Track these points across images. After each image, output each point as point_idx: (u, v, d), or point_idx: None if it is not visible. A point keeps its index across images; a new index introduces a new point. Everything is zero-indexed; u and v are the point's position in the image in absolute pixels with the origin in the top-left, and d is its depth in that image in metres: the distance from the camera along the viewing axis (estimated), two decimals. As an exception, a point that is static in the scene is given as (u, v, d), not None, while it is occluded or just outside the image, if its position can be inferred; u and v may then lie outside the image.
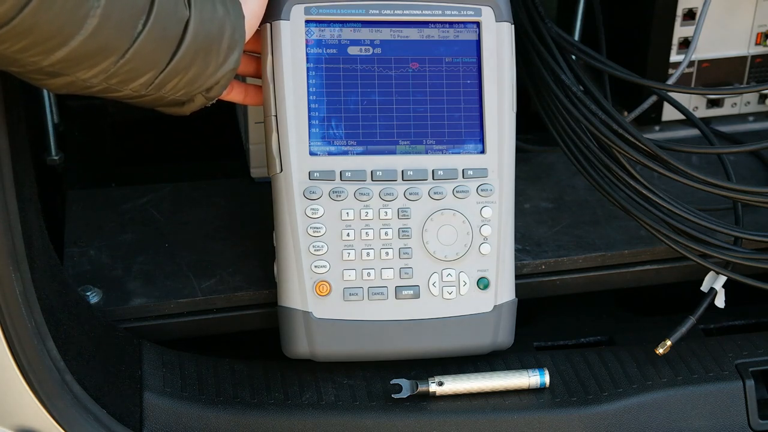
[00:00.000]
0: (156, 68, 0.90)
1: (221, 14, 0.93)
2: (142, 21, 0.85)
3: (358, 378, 1.05)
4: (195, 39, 0.90)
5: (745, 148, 1.14)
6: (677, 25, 1.28)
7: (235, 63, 0.96)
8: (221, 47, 0.93)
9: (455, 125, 1.06)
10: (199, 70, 0.93)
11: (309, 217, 1.03)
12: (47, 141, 1.32)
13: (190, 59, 0.91)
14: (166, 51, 0.89)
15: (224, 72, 0.95)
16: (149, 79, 0.90)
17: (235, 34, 0.95)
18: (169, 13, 0.87)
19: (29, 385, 0.98)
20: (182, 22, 0.89)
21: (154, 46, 0.87)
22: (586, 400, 1.04)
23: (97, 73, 0.86)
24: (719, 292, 1.09)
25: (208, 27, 0.92)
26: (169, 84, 0.92)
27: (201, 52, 0.92)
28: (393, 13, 1.06)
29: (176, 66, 0.90)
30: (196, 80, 0.94)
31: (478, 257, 1.05)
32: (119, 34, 0.84)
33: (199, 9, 0.90)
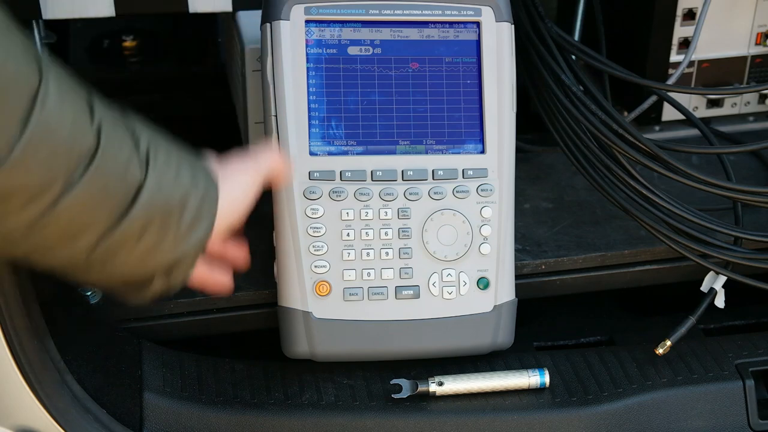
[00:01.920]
0: (97, 229, 0.80)
1: (186, 183, 0.85)
2: (81, 169, 0.77)
3: (358, 378, 1.05)
4: (149, 205, 0.82)
5: (745, 148, 1.14)
6: (677, 25, 1.28)
7: (199, 241, 0.86)
8: (183, 219, 0.84)
9: (455, 125, 1.06)
10: (152, 242, 0.83)
11: (309, 217, 1.03)
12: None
13: (140, 227, 0.82)
14: (109, 211, 0.80)
15: (186, 249, 0.86)
16: (90, 242, 0.81)
17: (202, 208, 0.86)
18: (115, 169, 0.80)
19: (29, 385, 0.98)
20: (134, 183, 0.81)
21: (92, 201, 0.79)
22: (586, 400, 1.04)
23: (19, 224, 0.76)
24: (719, 292, 1.09)
25: (167, 194, 0.83)
26: (117, 254, 0.83)
27: (156, 222, 0.83)
28: (393, 13, 1.06)
29: (124, 232, 0.81)
30: (151, 254, 0.84)
31: (478, 257, 1.05)
32: (47, 176, 0.75)
33: (158, 173, 0.83)
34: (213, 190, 0.88)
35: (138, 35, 1.62)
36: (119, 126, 0.82)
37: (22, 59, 0.74)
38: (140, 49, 1.61)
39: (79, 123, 0.77)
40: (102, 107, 0.81)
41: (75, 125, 0.77)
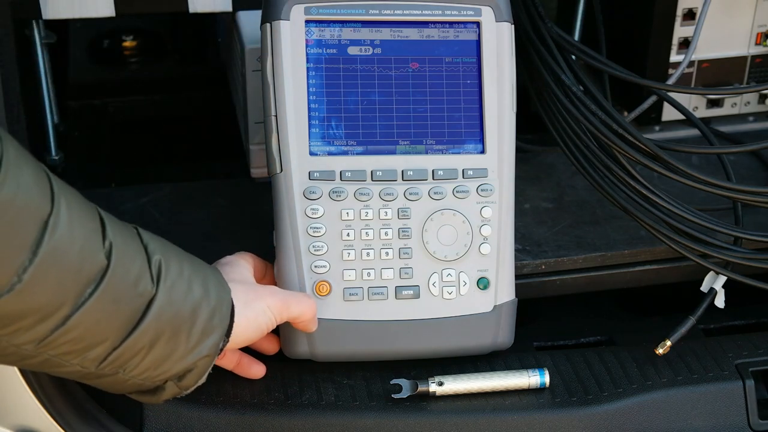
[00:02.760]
0: (107, 342, 0.83)
1: (197, 296, 0.87)
2: (91, 288, 0.80)
3: (358, 378, 1.05)
4: (159, 318, 0.84)
5: (745, 148, 1.14)
6: (677, 25, 1.28)
7: (210, 350, 0.89)
8: (193, 331, 0.87)
9: (455, 125, 1.06)
10: (163, 352, 0.86)
11: (309, 217, 1.03)
12: (47, 141, 1.32)
13: (151, 339, 0.85)
14: (121, 325, 0.83)
15: (196, 358, 0.88)
16: (100, 354, 0.83)
17: (213, 319, 0.88)
18: (126, 285, 0.82)
19: (29, 385, 0.98)
20: (145, 297, 0.84)
21: (103, 317, 0.81)
22: (586, 400, 1.04)
23: (30, 340, 0.79)
24: (719, 292, 1.09)
25: (178, 307, 0.86)
26: (127, 364, 0.85)
27: (166, 333, 0.85)
28: (393, 13, 1.06)
29: (134, 344, 0.84)
30: (161, 364, 0.87)
31: (478, 257, 1.05)
32: (58, 297, 0.78)
33: (169, 287, 0.85)
34: (225, 300, 0.91)
35: (138, 35, 1.62)
36: (131, 243, 0.85)
37: (33, 190, 0.77)
38: (140, 49, 1.61)
39: (90, 245, 0.80)
40: (114, 226, 0.84)
41: (85, 248, 0.80)
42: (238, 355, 1.02)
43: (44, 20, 1.22)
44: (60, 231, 0.77)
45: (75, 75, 1.56)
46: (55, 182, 0.79)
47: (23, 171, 0.76)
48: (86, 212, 0.82)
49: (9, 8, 1.12)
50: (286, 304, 0.97)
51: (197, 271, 0.89)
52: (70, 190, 0.81)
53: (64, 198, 0.79)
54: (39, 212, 0.77)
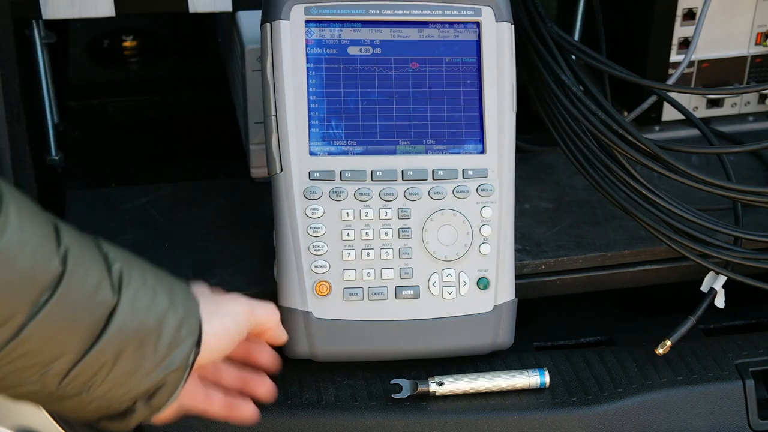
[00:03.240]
0: (67, 356, 0.79)
1: (163, 306, 0.83)
2: (46, 296, 0.76)
3: (358, 378, 1.05)
4: (122, 329, 0.80)
5: (745, 148, 1.14)
6: (677, 25, 1.28)
7: (181, 362, 0.84)
8: (160, 343, 0.83)
9: (455, 125, 1.06)
10: (129, 366, 0.82)
11: (309, 217, 1.03)
12: (47, 141, 1.32)
13: (115, 351, 0.80)
14: (81, 337, 0.79)
15: (165, 372, 0.83)
16: (61, 370, 0.79)
17: (181, 330, 0.84)
18: (84, 293, 0.78)
19: (29, 385, 0.98)
20: (105, 307, 0.80)
21: (60, 327, 0.77)
22: (586, 400, 1.04)
23: None
24: (719, 292, 1.09)
25: (142, 318, 0.82)
26: (91, 381, 0.81)
27: (131, 345, 0.81)
28: (393, 13, 1.06)
29: (96, 357, 0.80)
30: (128, 380, 0.82)
31: (478, 257, 1.05)
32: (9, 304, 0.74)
33: (131, 296, 0.82)
34: (193, 311, 0.86)
35: (138, 35, 1.62)
36: (88, 250, 0.81)
37: None
38: (140, 49, 1.61)
39: (43, 250, 0.77)
40: (70, 233, 0.81)
41: (38, 253, 0.76)
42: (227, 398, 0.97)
43: (44, 20, 1.22)
44: (9, 234, 0.74)
45: (75, 75, 1.56)
46: (4, 186, 0.76)
47: None
48: (39, 218, 0.78)
49: (9, 8, 1.12)
50: (251, 308, 0.93)
51: (162, 282, 0.86)
52: (21, 197, 0.78)
53: (14, 202, 0.76)
54: None
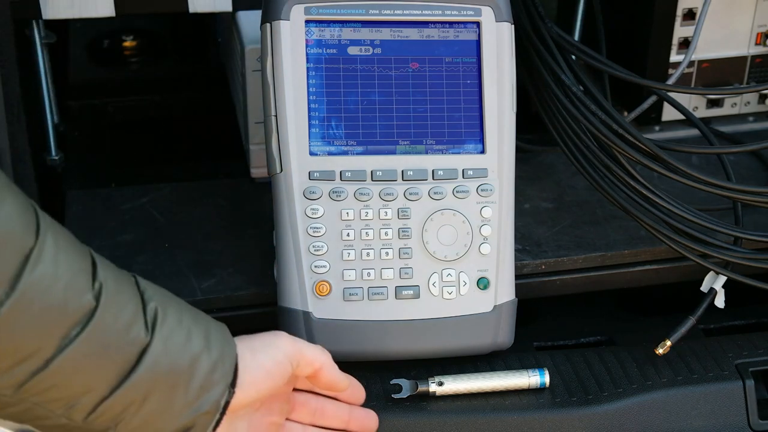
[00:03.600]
0: (95, 392, 0.78)
1: (197, 348, 0.82)
2: (76, 330, 0.76)
3: (358, 378, 1.05)
4: (153, 369, 0.79)
5: (745, 148, 1.14)
6: (677, 25, 1.28)
7: (211, 406, 0.83)
8: (191, 384, 0.82)
9: (455, 125, 1.06)
10: (158, 407, 0.81)
11: (309, 217, 1.03)
12: (47, 141, 1.32)
13: (144, 391, 0.79)
14: (110, 374, 0.78)
15: (194, 415, 0.82)
16: (87, 405, 0.78)
17: (214, 373, 0.83)
18: (116, 330, 0.78)
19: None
20: (137, 345, 0.79)
21: (89, 363, 0.77)
22: (586, 400, 1.04)
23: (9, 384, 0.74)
24: (719, 292, 1.09)
25: (175, 358, 0.81)
26: (119, 419, 0.79)
27: (161, 386, 0.80)
28: (393, 13, 1.06)
29: (125, 395, 0.79)
30: (156, 420, 0.81)
31: (478, 257, 1.05)
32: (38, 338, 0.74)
33: (165, 336, 0.81)
34: (229, 354, 0.85)
35: (138, 35, 1.62)
36: (125, 286, 0.81)
37: (15, 221, 0.73)
38: (140, 49, 1.61)
39: (76, 284, 0.76)
40: (107, 269, 0.80)
41: (71, 286, 0.76)
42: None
43: (44, 20, 1.22)
44: (43, 266, 0.74)
45: (75, 75, 1.56)
46: (43, 218, 0.76)
47: (5, 201, 0.73)
48: (76, 251, 0.78)
49: (9, 8, 1.12)
50: (297, 343, 0.91)
51: (198, 322, 0.85)
52: (60, 229, 0.78)
53: (51, 234, 0.76)
54: (20, 244, 0.73)
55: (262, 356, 0.88)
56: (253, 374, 0.87)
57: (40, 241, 0.75)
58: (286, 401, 0.94)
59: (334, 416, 0.97)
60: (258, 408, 0.91)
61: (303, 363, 0.91)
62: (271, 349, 0.89)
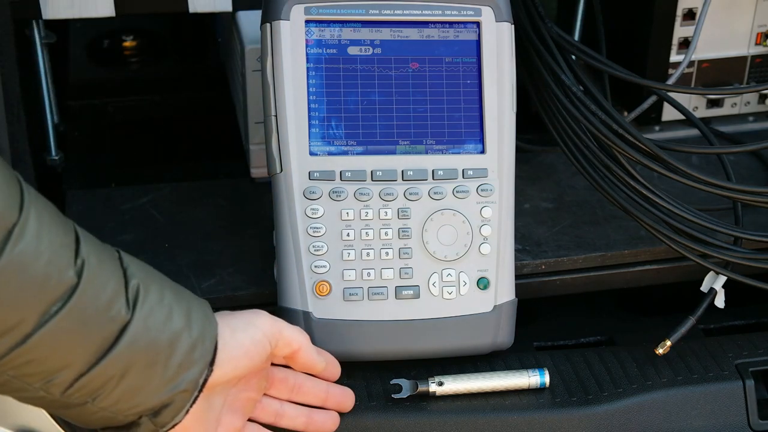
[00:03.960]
0: (73, 367, 0.78)
1: (178, 326, 0.83)
2: (57, 307, 0.76)
3: (358, 378, 1.05)
4: (132, 346, 0.80)
5: (745, 148, 1.14)
6: (677, 25, 1.28)
7: (189, 384, 0.84)
8: (170, 363, 0.82)
9: (455, 125, 1.06)
10: (136, 383, 0.81)
11: (309, 217, 1.03)
12: (47, 141, 1.32)
13: (123, 367, 0.80)
14: (89, 350, 0.78)
15: (172, 392, 0.83)
16: (66, 380, 0.78)
17: (194, 352, 0.83)
18: (97, 307, 0.78)
19: (29, 385, 0.98)
20: (118, 322, 0.79)
21: (69, 339, 0.77)
22: (586, 400, 1.04)
23: None
24: (719, 292, 1.09)
25: (155, 336, 0.81)
26: (96, 393, 0.80)
27: (140, 363, 0.80)
28: (393, 13, 1.06)
29: (103, 371, 0.79)
30: (134, 396, 0.81)
31: (478, 257, 1.05)
32: (17, 313, 0.74)
33: (146, 314, 0.81)
34: (209, 333, 0.85)
35: (138, 35, 1.62)
36: (108, 263, 0.81)
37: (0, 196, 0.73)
38: (140, 49, 1.61)
39: (58, 260, 0.76)
40: (91, 245, 0.80)
41: (52, 263, 0.76)
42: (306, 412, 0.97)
43: (44, 20, 1.22)
44: (25, 242, 0.74)
45: (75, 75, 1.56)
46: (28, 193, 0.76)
47: None
48: (59, 227, 0.78)
49: (9, 8, 1.12)
50: (277, 323, 0.92)
51: (180, 300, 0.85)
52: (44, 203, 0.78)
53: (35, 209, 0.76)
54: (3, 220, 0.73)
55: (241, 335, 0.89)
56: (231, 353, 0.87)
57: (23, 216, 0.75)
58: (264, 378, 0.95)
59: (312, 393, 0.98)
60: (236, 384, 0.92)
61: (281, 343, 0.93)
62: (251, 327, 0.90)
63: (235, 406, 0.93)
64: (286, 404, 0.98)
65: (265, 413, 0.97)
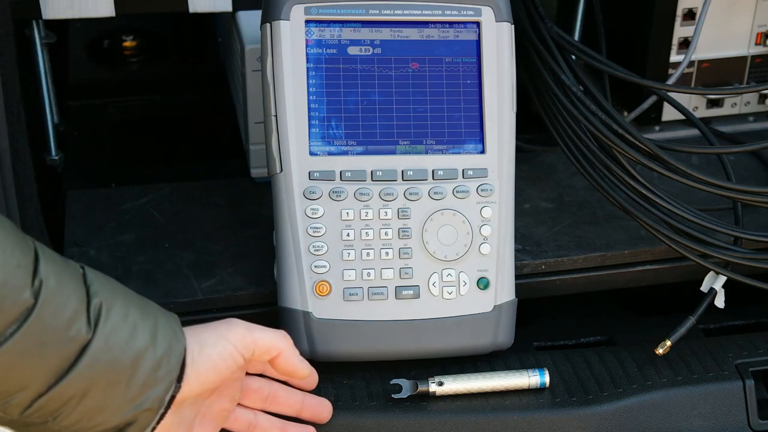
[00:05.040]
0: (30, 389, 0.76)
1: (141, 344, 0.81)
2: (12, 329, 0.74)
3: (358, 378, 1.05)
4: (93, 365, 0.78)
5: (745, 148, 1.14)
6: (677, 25, 1.28)
7: (153, 403, 0.82)
8: (133, 382, 0.80)
9: (455, 125, 1.06)
10: (97, 403, 0.79)
11: (309, 217, 1.03)
12: (47, 141, 1.32)
13: (83, 387, 0.78)
14: (47, 371, 0.76)
15: (137, 411, 0.81)
16: (23, 401, 0.77)
17: (158, 371, 0.82)
18: (55, 328, 0.76)
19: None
20: (78, 342, 0.77)
21: (25, 361, 0.75)
22: (586, 400, 1.04)
23: None
24: (719, 292, 1.09)
25: (116, 355, 0.79)
26: (57, 413, 0.78)
27: (101, 383, 0.79)
28: (393, 13, 1.06)
29: (62, 392, 0.77)
30: (95, 416, 0.80)
31: (478, 257, 1.05)
32: None
33: (108, 332, 0.79)
34: (176, 350, 0.84)
35: (138, 35, 1.62)
36: (69, 282, 0.79)
37: None
38: (140, 49, 1.61)
39: (13, 282, 0.75)
40: (51, 264, 0.78)
41: (7, 285, 0.74)
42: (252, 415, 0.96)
43: (44, 20, 1.22)
44: None
45: (75, 75, 1.56)
46: None
47: None
48: (16, 247, 0.76)
49: (9, 8, 1.12)
50: (250, 333, 0.90)
51: (146, 317, 0.83)
52: (2, 223, 0.76)
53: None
54: None
55: (210, 350, 0.87)
56: (198, 369, 0.86)
57: None
58: (237, 388, 0.94)
59: (286, 403, 0.97)
60: (207, 396, 0.91)
61: (258, 351, 0.91)
62: (221, 341, 0.88)
63: (208, 416, 0.92)
64: (260, 414, 0.97)
65: (238, 423, 0.96)
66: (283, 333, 0.94)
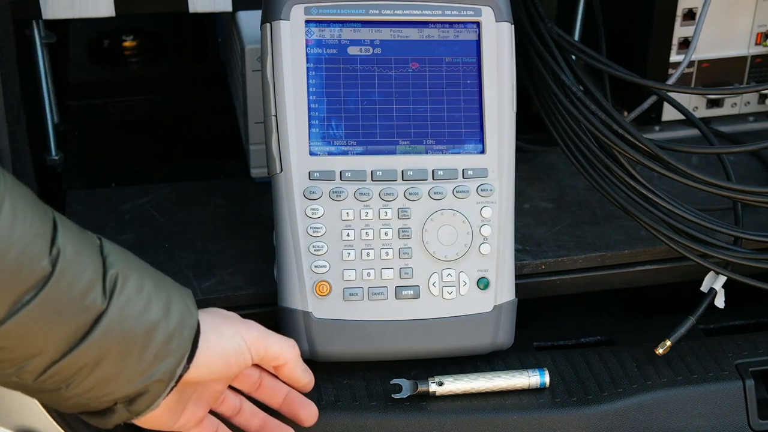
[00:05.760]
0: (45, 355, 0.78)
1: (155, 316, 0.82)
2: (29, 296, 0.75)
3: (358, 378, 1.05)
4: (106, 335, 0.79)
5: (745, 148, 1.14)
6: (677, 25, 1.28)
7: (164, 375, 0.83)
8: (146, 353, 0.82)
9: (455, 125, 1.06)
10: (109, 372, 0.81)
11: (309, 217, 1.03)
12: (47, 141, 1.32)
13: (96, 356, 0.80)
14: (62, 339, 0.78)
15: (147, 382, 0.83)
16: (38, 368, 0.78)
17: (171, 343, 0.83)
18: (71, 296, 0.77)
19: (29, 385, 0.98)
20: (93, 312, 0.79)
21: (41, 327, 0.76)
22: (586, 400, 1.04)
23: None
24: (719, 292, 1.09)
25: (130, 326, 0.81)
26: (69, 381, 0.80)
27: (114, 352, 0.80)
28: (393, 13, 1.06)
29: (76, 360, 0.79)
30: (107, 384, 0.81)
31: (478, 257, 1.05)
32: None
33: (123, 303, 0.80)
34: (188, 324, 0.85)
35: (138, 35, 1.62)
36: (87, 251, 0.80)
37: None
38: (140, 49, 1.61)
39: (31, 250, 0.76)
40: (69, 234, 0.79)
41: (25, 252, 0.75)
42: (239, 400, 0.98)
43: (44, 20, 1.22)
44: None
45: (75, 75, 1.56)
46: (4, 183, 0.75)
47: None
48: (35, 216, 0.77)
49: (9, 8, 1.12)
50: (265, 338, 0.92)
51: (160, 290, 0.84)
52: (21, 192, 0.77)
53: (9, 199, 0.75)
54: None
55: (225, 343, 0.89)
56: (211, 357, 0.88)
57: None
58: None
59: (267, 392, 0.98)
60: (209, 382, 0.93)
61: (267, 357, 0.93)
62: (237, 338, 0.90)
63: (202, 396, 0.94)
64: (246, 402, 0.98)
65: (224, 407, 0.97)
66: (293, 343, 0.96)
